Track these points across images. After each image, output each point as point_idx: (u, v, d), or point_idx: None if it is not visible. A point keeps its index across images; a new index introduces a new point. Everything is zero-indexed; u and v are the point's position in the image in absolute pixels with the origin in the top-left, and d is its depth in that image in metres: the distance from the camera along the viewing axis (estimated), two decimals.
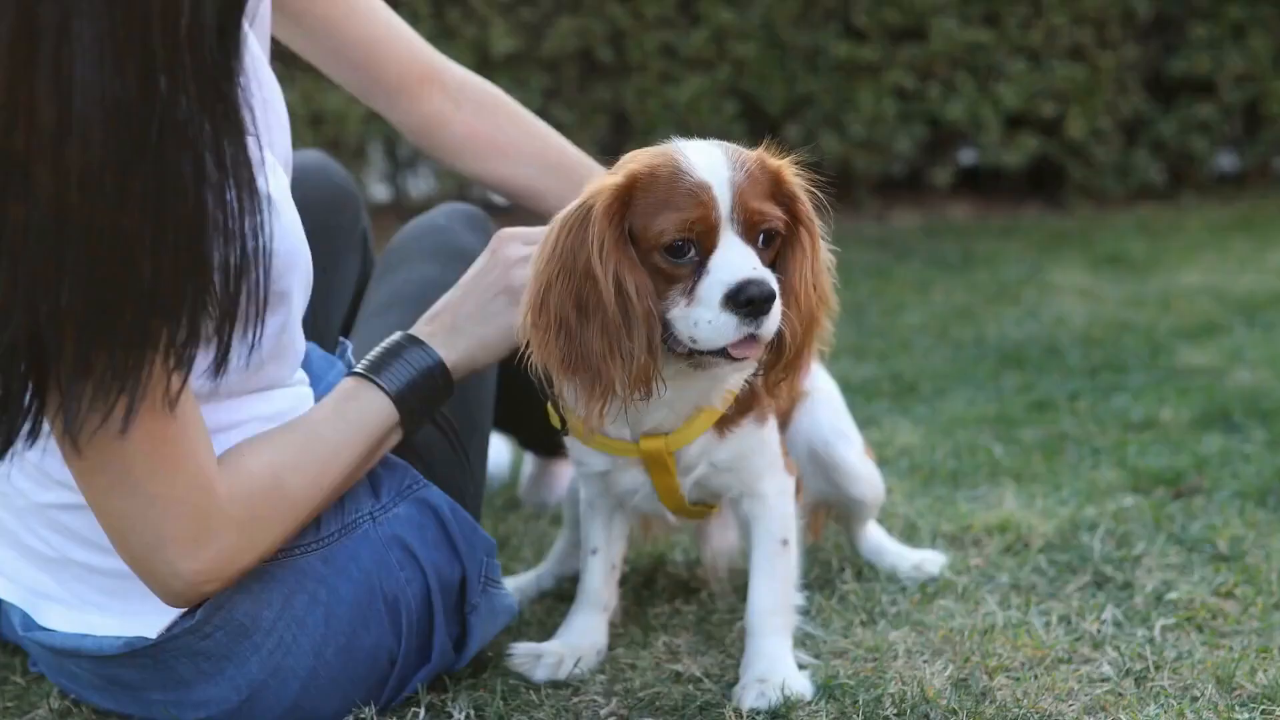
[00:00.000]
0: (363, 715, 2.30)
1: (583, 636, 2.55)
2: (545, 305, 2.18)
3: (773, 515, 2.47)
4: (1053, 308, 6.12)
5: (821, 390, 2.86)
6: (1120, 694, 2.30)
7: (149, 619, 2.20)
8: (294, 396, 2.32)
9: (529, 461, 3.57)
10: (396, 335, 2.36)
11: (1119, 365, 4.90)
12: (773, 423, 2.48)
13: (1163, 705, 2.24)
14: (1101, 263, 7.24)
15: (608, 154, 8.28)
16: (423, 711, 2.32)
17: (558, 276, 2.18)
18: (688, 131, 2.55)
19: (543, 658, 2.48)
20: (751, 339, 2.16)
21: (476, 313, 2.38)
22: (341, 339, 2.57)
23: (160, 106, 1.76)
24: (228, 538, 2.08)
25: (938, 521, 3.21)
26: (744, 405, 2.41)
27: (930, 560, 2.91)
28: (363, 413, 2.26)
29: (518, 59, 8.60)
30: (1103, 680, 2.36)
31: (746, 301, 2.13)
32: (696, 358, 2.21)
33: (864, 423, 4.12)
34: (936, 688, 2.32)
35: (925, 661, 2.45)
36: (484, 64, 8.36)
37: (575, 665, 2.47)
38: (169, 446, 1.99)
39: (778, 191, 2.26)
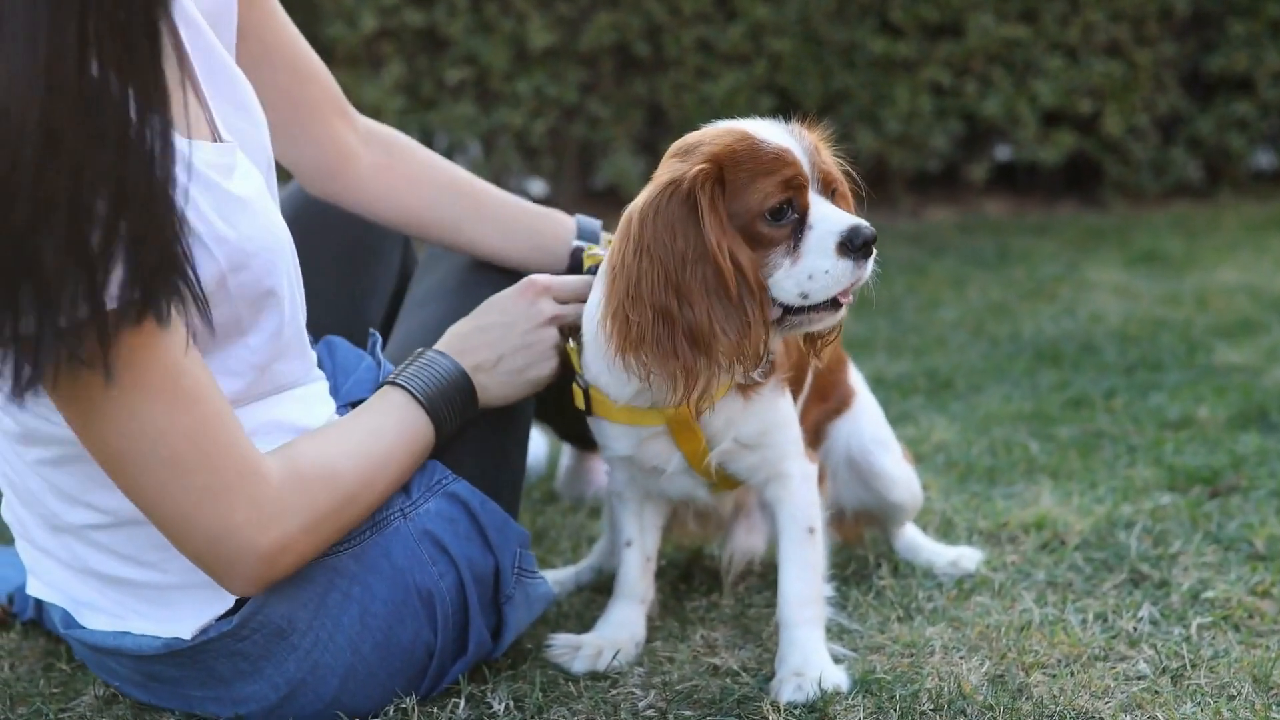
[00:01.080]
0: (403, 706, 2.32)
1: (620, 629, 2.57)
2: (638, 298, 2.22)
3: (797, 501, 2.49)
4: (1089, 305, 6.11)
5: (861, 400, 2.89)
6: (1157, 692, 2.30)
7: (185, 622, 2.21)
8: (315, 394, 2.34)
9: (567, 454, 3.59)
10: (429, 352, 2.40)
11: (1155, 363, 4.88)
12: (789, 396, 2.51)
13: (1199, 703, 2.25)
14: (1138, 260, 7.22)
15: (644, 149, 8.29)
16: (463, 702, 2.34)
17: (650, 266, 2.21)
18: None
19: (581, 649, 2.50)
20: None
21: (499, 367, 2.43)
22: (371, 331, 2.59)
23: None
24: (290, 520, 2.09)
25: (974, 518, 3.21)
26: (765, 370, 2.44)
27: (966, 556, 2.92)
28: (400, 408, 2.30)
29: (555, 53, 8.62)
30: (1139, 678, 2.36)
31: (862, 244, 2.22)
32: (790, 319, 2.28)
33: (899, 419, 4.13)
34: (973, 684, 2.33)
35: (962, 658, 2.46)
36: (521, 58, 8.38)
37: (614, 657, 2.49)
38: (207, 434, 2.00)
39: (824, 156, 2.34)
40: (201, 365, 2.01)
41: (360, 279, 2.95)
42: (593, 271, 2.53)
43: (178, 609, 2.20)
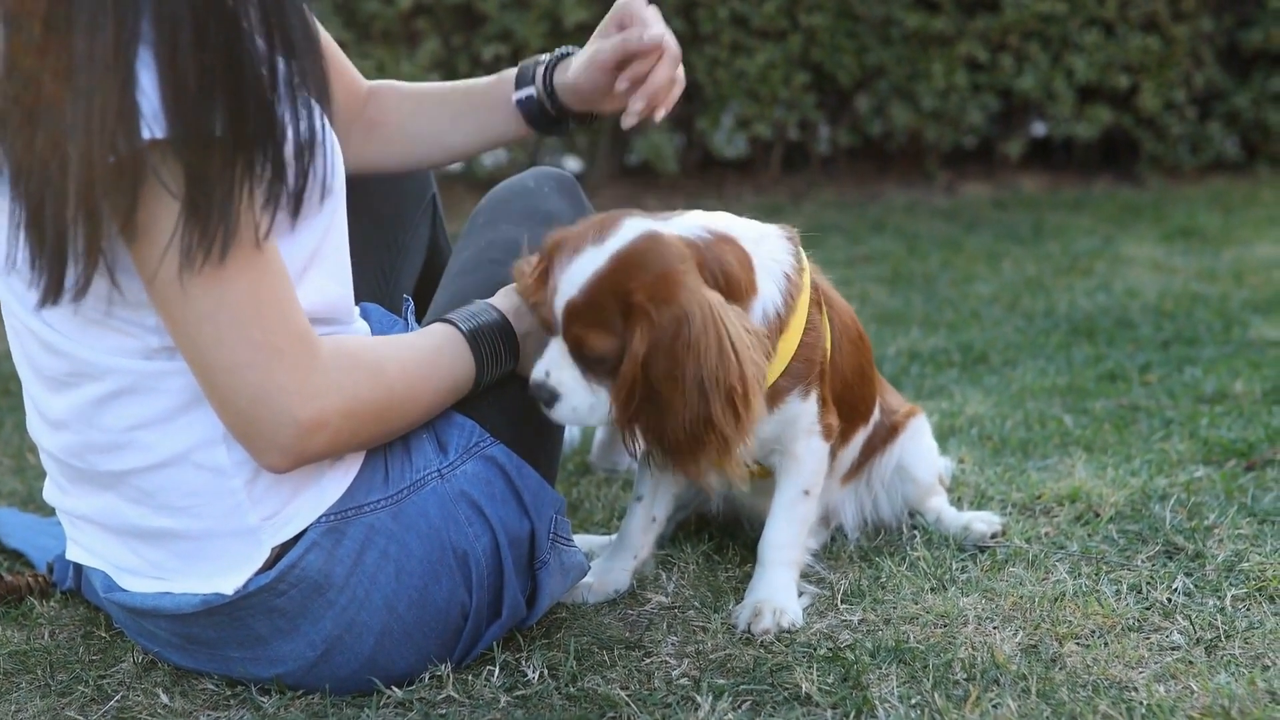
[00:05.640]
0: (438, 671, 2.34)
1: (605, 574, 2.69)
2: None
3: (802, 470, 2.60)
4: (1124, 280, 6.09)
5: (920, 424, 2.97)
6: (1191, 662, 2.30)
7: (225, 577, 2.24)
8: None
9: (601, 427, 3.60)
10: (483, 303, 2.44)
11: (1191, 338, 4.87)
12: (814, 394, 2.56)
13: (1233, 674, 2.25)
14: (1174, 235, 7.19)
15: (679, 125, 8.24)
16: (497, 669, 2.36)
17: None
18: (758, 102, 2.60)
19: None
20: None
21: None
22: (405, 297, 2.62)
23: None
24: (331, 396, 2.12)
25: (1008, 491, 3.21)
26: (796, 376, 2.51)
27: (979, 519, 2.93)
28: (447, 338, 2.35)
29: (589, 29, 8.56)
30: (1173, 649, 2.36)
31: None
32: None
33: (934, 392, 4.14)
34: (1006, 654, 2.33)
35: (995, 628, 2.46)
36: (556, 33, 8.37)
37: (586, 595, 2.63)
38: (267, 293, 2.06)
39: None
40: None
41: (391, 250, 2.98)
42: None
43: (214, 562, 2.23)
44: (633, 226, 2.30)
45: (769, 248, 2.46)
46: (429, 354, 2.31)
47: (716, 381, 2.18)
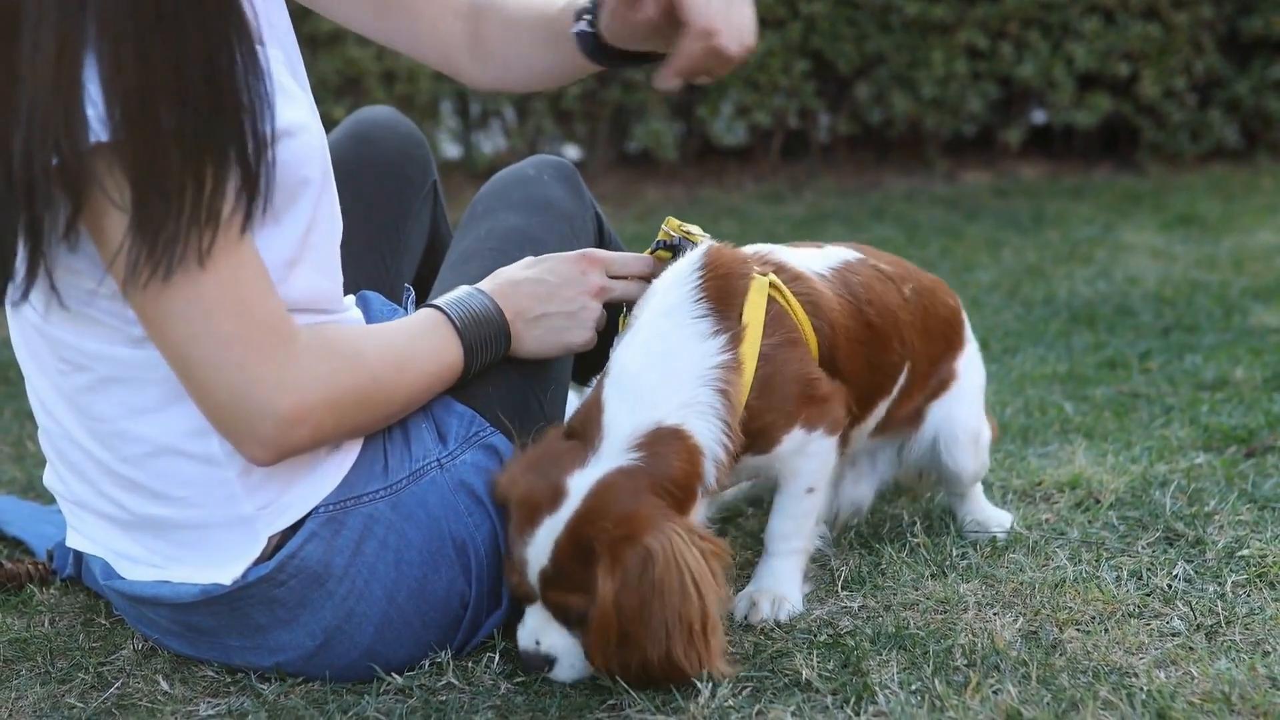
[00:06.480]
0: (438, 659, 2.34)
1: None
2: None
3: (807, 469, 2.55)
4: (1124, 268, 6.08)
5: (961, 384, 2.90)
6: (1191, 648, 2.30)
7: (224, 567, 2.24)
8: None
9: None
10: (471, 289, 2.42)
11: (1191, 325, 4.86)
12: (816, 427, 2.53)
13: (1234, 659, 2.25)
14: (1174, 223, 7.18)
15: (679, 113, 8.22)
16: (498, 657, 2.36)
17: None
18: (758, 90, 2.62)
19: None
20: None
21: (540, 323, 2.45)
22: (406, 286, 2.61)
23: None
24: (312, 388, 2.10)
25: (1008, 477, 3.21)
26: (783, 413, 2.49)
27: (994, 519, 2.92)
28: (435, 325, 2.33)
29: None
30: (1173, 634, 2.37)
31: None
32: None
33: None
34: (1006, 639, 2.33)
35: (995, 614, 2.46)
36: None
37: None
38: (241, 288, 2.04)
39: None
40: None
41: (392, 237, 2.97)
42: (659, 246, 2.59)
43: (213, 552, 2.23)
44: (582, 482, 2.24)
45: (693, 403, 2.36)
46: (412, 340, 2.30)
47: (680, 617, 2.16)
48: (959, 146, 9.44)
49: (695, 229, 2.59)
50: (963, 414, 2.87)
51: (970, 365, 2.92)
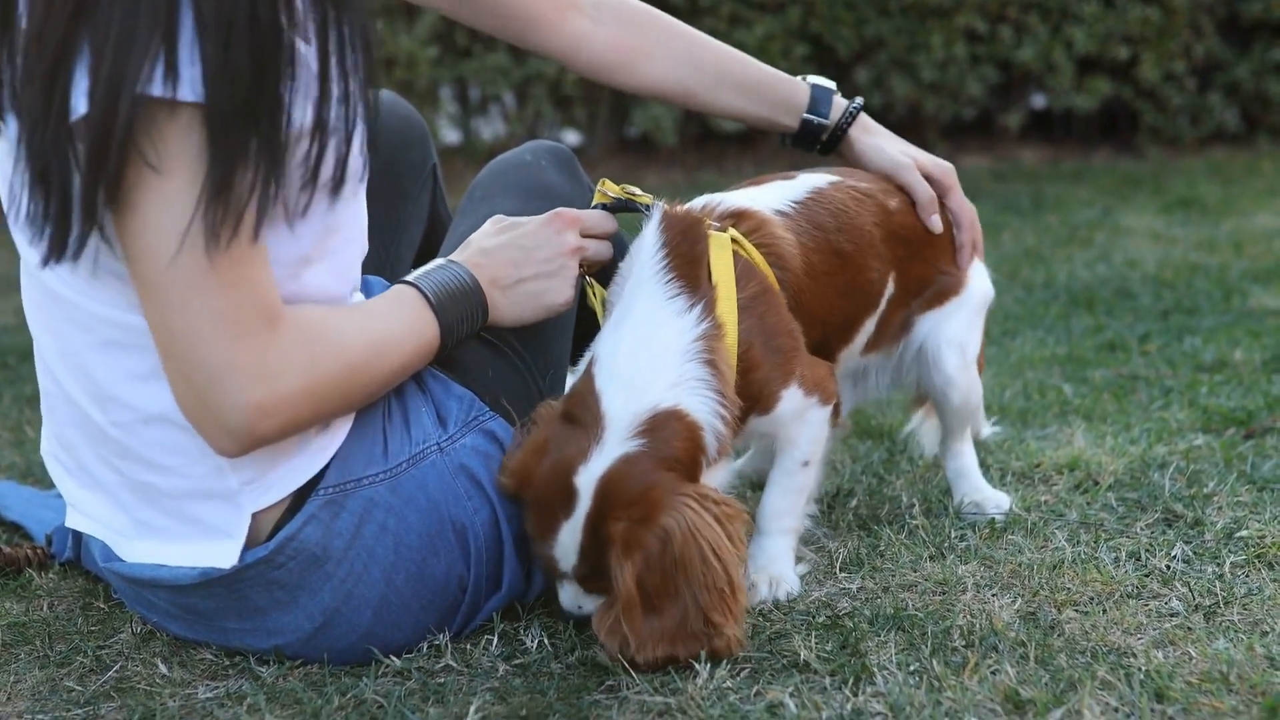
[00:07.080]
0: (437, 641, 2.34)
1: None
2: None
3: (802, 439, 2.56)
4: (1124, 251, 6.08)
5: (961, 299, 2.90)
6: (1189, 628, 2.30)
7: (223, 549, 2.24)
8: None
9: None
10: (445, 260, 2.41)
11: (1191, 308, 4.87)
12: (801, 381, 2.54)
13: (1232, 640, 2.25)
14: (1174, 206, 7.18)
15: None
16: (496, 639, 2.36)
17: None
18: None
19: None
20: None
21: (517, 287, 2.43)
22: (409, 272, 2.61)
23: None
24: (289, 378, 2.08)
25: (1007, 459, 3.21)
26: (789, 366, 2.50)
27: (992, 500, 2.92)
28: (409, 302, 2.31)
29: None
30: (1172, 615, 2.36)
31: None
32: None
33: None
34: (1005, 620, 2.33)
35: (994, 595, 2.46)
36: None
37: None
38: (246, 266, 2.02)
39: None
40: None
41: (391, 222, 2.97)
42: (602, 207, 2.58)
43: (197, 525, 2.23)
44: (589, 477, 2.25)
45: (683, 380, 2.37)
46: (389, 321, 2.27)
47: (707, 588, 2.18)
48: (958, 130, 9.44)
49: (635, 189, 2.61)
50: (952, 326, 2.87)
51: (971, 281, 2.92)
